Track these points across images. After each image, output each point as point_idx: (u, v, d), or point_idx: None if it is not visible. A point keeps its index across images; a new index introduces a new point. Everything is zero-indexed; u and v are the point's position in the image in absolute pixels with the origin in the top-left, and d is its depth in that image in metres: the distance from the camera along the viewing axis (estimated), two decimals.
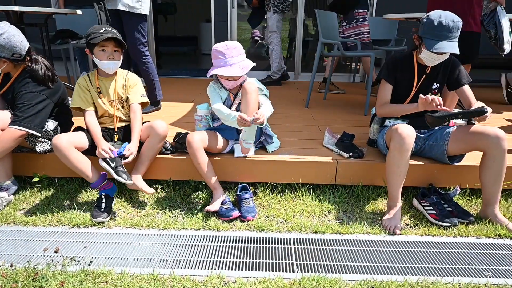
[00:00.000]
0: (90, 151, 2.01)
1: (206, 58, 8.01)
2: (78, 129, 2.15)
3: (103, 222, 1.91)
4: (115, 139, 2.12)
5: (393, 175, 1.90)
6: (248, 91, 1.97)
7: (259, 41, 6.38)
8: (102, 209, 1.94)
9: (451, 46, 1.83)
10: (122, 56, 2.05)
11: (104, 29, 1.97)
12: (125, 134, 2.13)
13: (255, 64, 2.05)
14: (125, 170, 1.93)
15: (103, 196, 1.98)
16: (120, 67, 2.11)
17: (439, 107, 1.80)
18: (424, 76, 2.04)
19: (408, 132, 1.83)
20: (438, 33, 1.83)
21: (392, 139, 1.89)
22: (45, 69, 2.05)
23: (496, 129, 1.84)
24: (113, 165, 1.89)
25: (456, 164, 2.09)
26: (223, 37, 5.14)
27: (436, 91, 2.09)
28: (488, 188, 1.91)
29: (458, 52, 1.83)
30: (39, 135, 2.03)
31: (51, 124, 2.11)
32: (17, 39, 1.97)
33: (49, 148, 2.13)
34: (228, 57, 1.96)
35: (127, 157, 1.93)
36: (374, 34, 4.65)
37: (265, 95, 2.18)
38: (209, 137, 2.06)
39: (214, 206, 1.95)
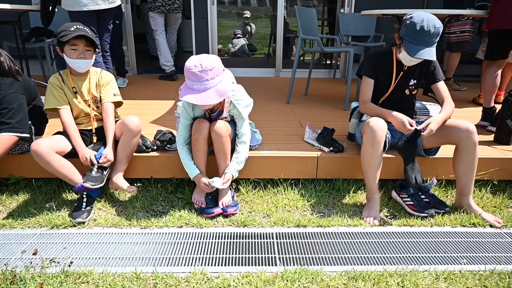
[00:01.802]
0: (71, 154, 1.97)
1: (186, 55, 7.93)
2: (57, 134, 2.09)
3: (83, 223, 1.89)
4: (94, 141, 2.08)
5: (368, 168, 1.95)
6: (219, 135, 1.89)
7: (241, 38, 6.37)
8: (83, 209, 1.91)
9: (429, 53, 1.85)
10: (94, 55, 2.01)
11: (75, 27, 1.92)
12: (102, 134, 2.08)
13: (234, 88, 1.89)
14: (101, 174, 1.91)
15: (84, 196, 1.95)
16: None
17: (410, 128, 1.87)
18: (402, 72, 2.08)
19: (379, 125, 1.87)
20: (419, 38, 1.84)
21: (364, 132, 1.93)
22: (9, 60, 1.98)
23: (467, 122, 1.90)
24: (93, 184, 1.87)
25: (432, 156, 2.15)
26: (203, 34, 5.10)
27: (413, 87, 2.13)
28: (461, 179, 1.97)
29: (435, 59, 1.88)
30: (29, 136, 1.99)
31: None
32: None
33: (19, 148, 2.07)
34: (202, 80, 1.71)
35: (105, 164, 1.91)
36: (352, 30, 4.73)
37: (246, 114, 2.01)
38: None
39: (199, 196, 2.00)
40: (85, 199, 1.94)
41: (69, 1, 2.84)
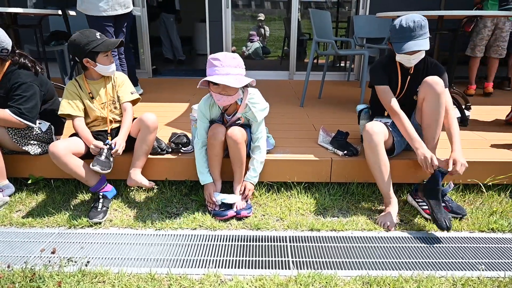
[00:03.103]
0: (87, 156, 2.01)
1: (201, 59, 8.01)
2: (74, 135, 2.13)
3: (100, 223, 1.92)
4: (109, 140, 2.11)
5: (375, 173, 1.95)
6: (235, 142, 1.91)
7: (255, 41, 6.38)
8: (99, 210, 1.94)
9: (417, 44, 1.89)
10: None
11: (98, 34, 1.98)
12: (116, 134, 2.09)
13: (253, 80, 1.84)
14: (108, 160, 1.91)
15: (100, 197, 1.99)
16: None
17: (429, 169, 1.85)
18: (409, 77, 2.08)
19: (375, 129, 1.90)
20: (402, 35, 1.91)
21: (363, 137, 1.97)
22: (29, 60, 2.07)
23: (435, 76, 1.93)
24: (102, 169, 1.87)
25: None
26: (218, 37, 5.14)
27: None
28: (427, 132, 1.99)
29: (426, 48, 1.89)
30: (35, 126, 2.06)
31: (43, 126, 2.11)
32: (2, 33, 1.97)
33: (41, 150, 2.13)
34: (225, 66, 1.77)
35: (114, 147, 1.94)
36: (367, 32, 4.69)
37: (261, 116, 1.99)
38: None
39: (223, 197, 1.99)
40: (101, 200, 1.98)
41: (88, 6, 2.92)
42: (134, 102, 2.17)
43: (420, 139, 1.92)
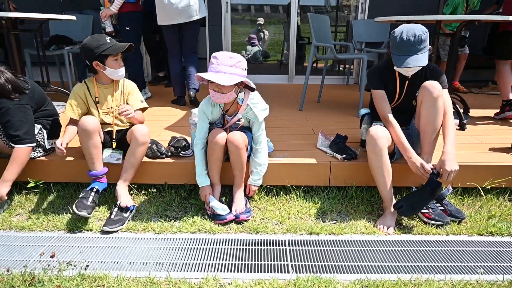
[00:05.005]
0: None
1: (200, 63, 8.01)
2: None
3: (87, 219, 1.92)
4: (114, 146, 2.12)
5: (377, 177, 1.95)
6: (236, 147, 1.92)
7: (256, 45, 6.40)
8: (87, 203, 1.91)
9: (416, 60, 1.87)
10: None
11: (108, 38, 2.00)
12: (124, 138, 2.12)
13: (247, 80, 1.84)
14: (119, 217, 1.94)
15: (94, 189, 1.97)
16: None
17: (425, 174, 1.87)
18: (407, 82, 2.07)
19: (378, 134, 1.89)
20: (402, 49, 1.88)
21: (366, 142, 1.95)
22: (6, 80, 1.91)
23: (433, 81, 1.92)
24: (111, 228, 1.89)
25: None
26: (217, 41, 5.17)
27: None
28: (422, 136, 1.98)
29: (425, 64, 1.88)
30: (35, 145, 2.04)
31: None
32: None
33: (35, 153, 2.13)
34: (220, 64, 1.78)
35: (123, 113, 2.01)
36: (366, 36, 4.71)
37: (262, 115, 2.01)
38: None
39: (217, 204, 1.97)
40: (92, 193, 1.96)
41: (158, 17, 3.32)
42: (143, 110, 2.22)
43: (411, 148, 1.92)
